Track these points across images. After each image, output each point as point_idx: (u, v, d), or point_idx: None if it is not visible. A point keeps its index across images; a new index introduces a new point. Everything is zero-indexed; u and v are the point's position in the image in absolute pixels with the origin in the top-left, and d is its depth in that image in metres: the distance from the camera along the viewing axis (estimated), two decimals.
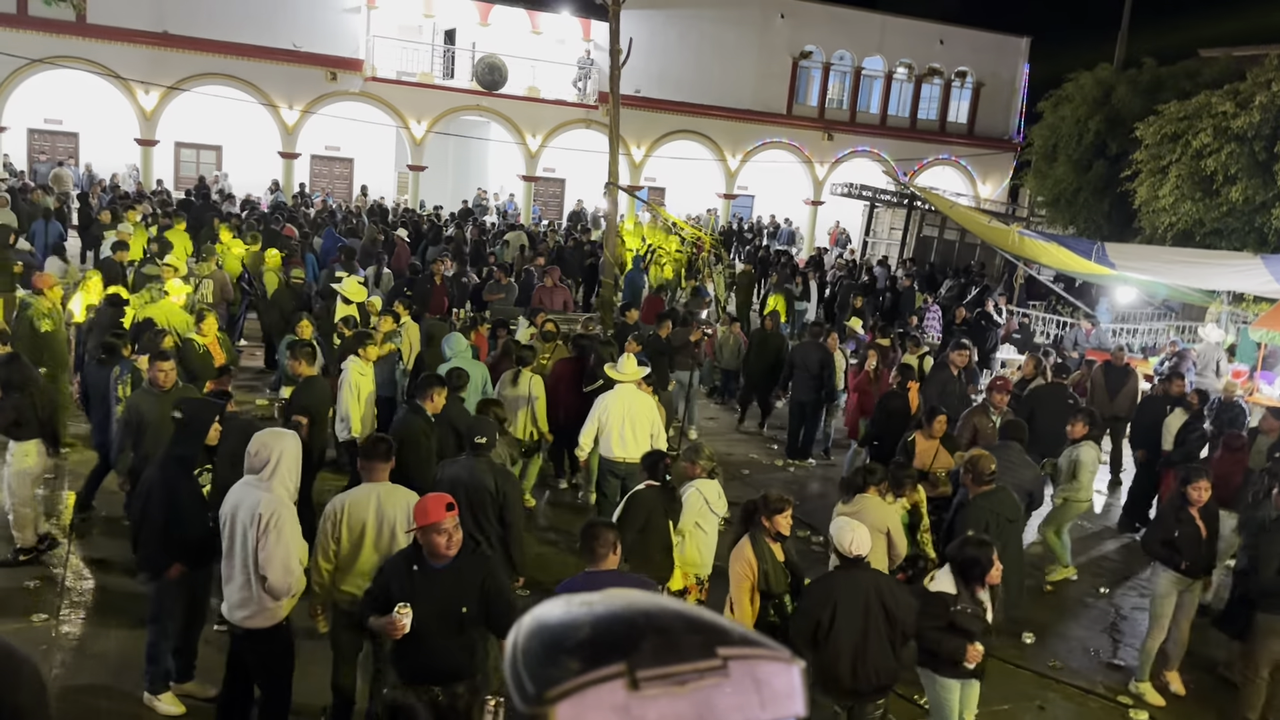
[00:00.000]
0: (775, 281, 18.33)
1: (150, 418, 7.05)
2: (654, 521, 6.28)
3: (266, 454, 4.95)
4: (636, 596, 0.90)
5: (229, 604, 5.11)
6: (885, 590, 5.13)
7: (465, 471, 6.23)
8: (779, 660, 0.85)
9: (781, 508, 5.64)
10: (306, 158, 29.21)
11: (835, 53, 33.68)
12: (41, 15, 23.07)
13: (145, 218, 17.29)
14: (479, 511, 6.11)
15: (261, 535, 4.82)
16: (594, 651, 0.82)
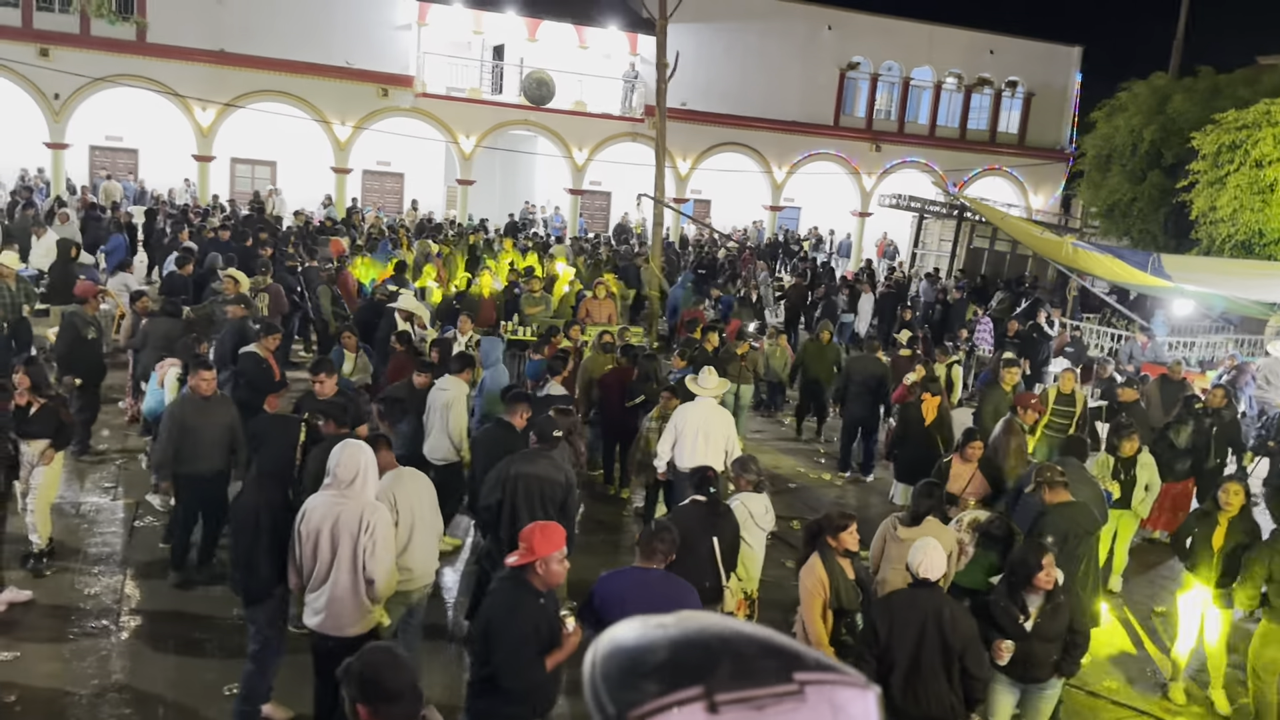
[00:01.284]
0: (822, 294, 18.25)
1: (191, 425, 7.21)
2: (691, 538, 6.16)
3: (354, 466, 5.14)
4: (710, 619, 0.91)
5: (322, 615, 5.20)
6: (946, 616, 4.98)
7: (536, 466, 6.41)
8: (855, 686, 0.86)
9: (846, 524, 5.63)
10: (358, 173, 29.67)
11: (883, 63, 33.50)
12: (104, 35, 23.73)
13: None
14: (549, 505, 6.33)
15: (370, 542, 5.06)
16: (672, 675, 0.83)
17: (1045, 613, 5.36)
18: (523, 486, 6.38)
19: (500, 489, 6.42)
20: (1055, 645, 5.44)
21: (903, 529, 6.42)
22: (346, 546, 5.08)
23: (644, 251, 21.41)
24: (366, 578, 5.11)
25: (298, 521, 5.24)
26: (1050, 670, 5.49)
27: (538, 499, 6.35)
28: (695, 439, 8.22)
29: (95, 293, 10.51)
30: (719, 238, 28.50)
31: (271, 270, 13.75)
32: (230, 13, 24.27)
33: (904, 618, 4.98)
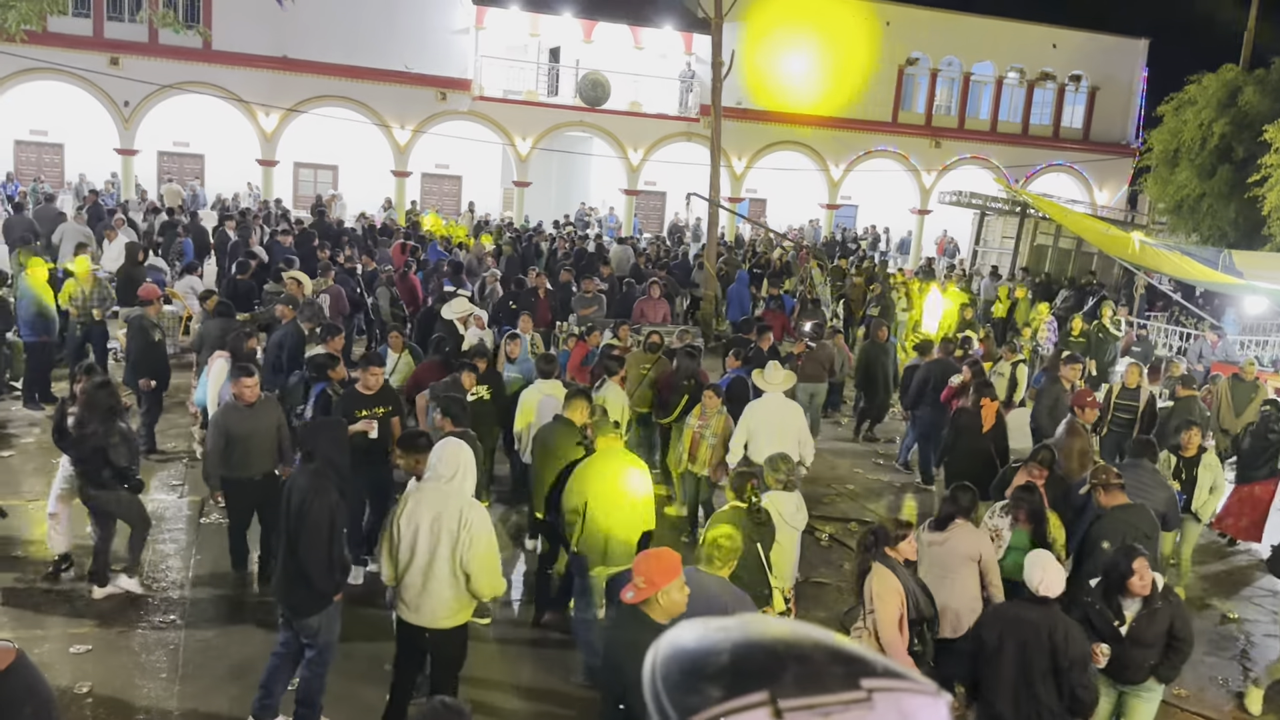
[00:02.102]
0: (879, 294, 18.01)
1: (237, 432, 7.26)
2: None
3: (455, 462, 5.29)
4: (773, 623, 0.90)
5: (418, 608, 5.32)
6: (1060, 635, 4.86)
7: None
8: (925, 694, 0.84)
9: (904, 534, 5.56)
10: (417, 176, 30.05)
11: (943, 59, 33.03)
12: (171, 43, 24.31)
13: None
14: None
15: (468, 537, 5.18)
16: (735, 680, 0.82)
17: (1141, 618, 5.27)
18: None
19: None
20: (1152, 650, 5.33)
21: (928, 533, 6.35)
22: (446, 541, 5.20)
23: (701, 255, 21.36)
24: (464, 571, 5.25)
25: (397, 514, 5.34)
26: (1146, 674, 5.40)
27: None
28: (770, 436, 8.22)
29: (158, 296, 10.74)
30: (774, 237, 28.31)
31: (334, 272, 13.97)
32: (292, 20, 24.71)
33: (1013, 630, 4.89)
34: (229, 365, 8.46)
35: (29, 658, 3.83)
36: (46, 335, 11.46)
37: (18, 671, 3.66)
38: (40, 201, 20.99)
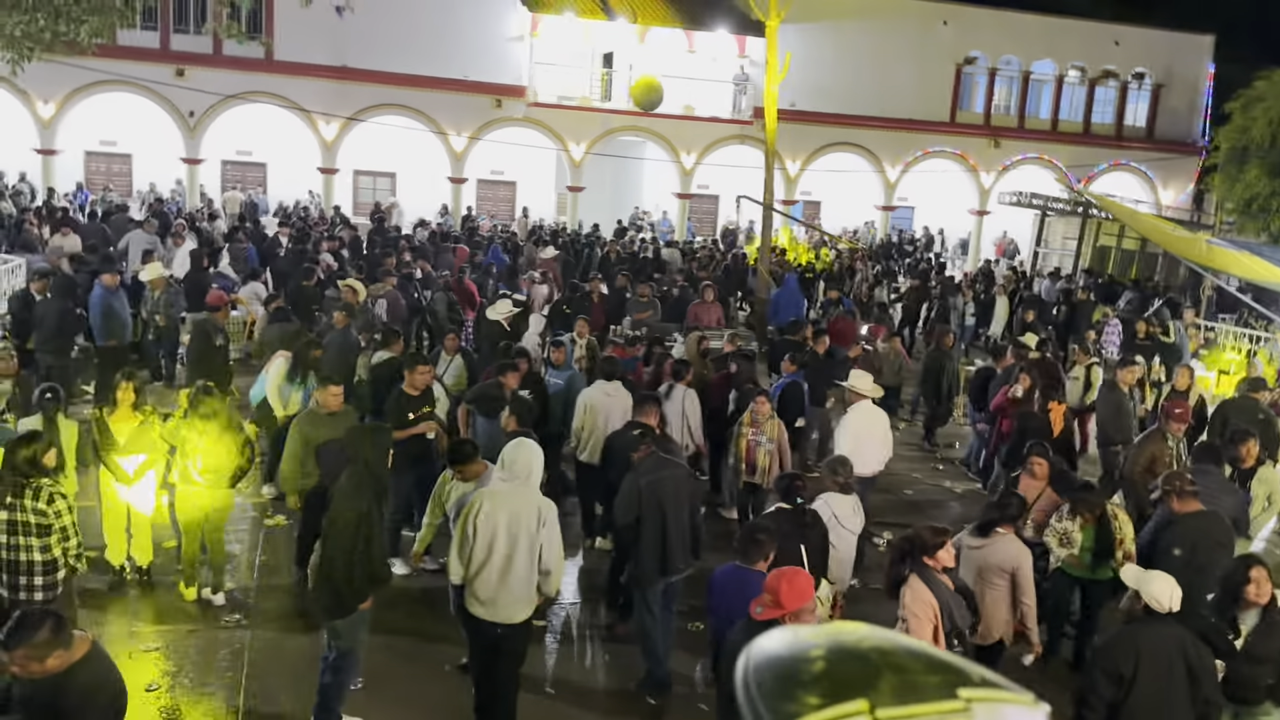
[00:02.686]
0: (938, 295, 17.80)
1: (316, 439, 7.26)
2: (783, 545, 6.11)
3: (529, 462, 5.49)
4: (865, 631, 0.88)
5: (494, 604, 5.44)
6: (1190, 648, 4.74)
7: (676, 472, 6.56)
8: (1023, 704, 0.82)
9: (942, 542, 5.43)
10: (473, 182, 30.35)
11: (1002, 57, 32.52)
12: (234, 54, 24.83)
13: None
14: (689, 503, 6.52)
15: (546, 535, 5.37)
16: (831, 687, 0.81)
17: (1258, 631, 5.01)
18: (662, 490, 6.42)
19: (637, 502, 6.42)
20: (1269, 668, 5.03)
21: (969, 537, 6.26)
22: (525, 539, 5.38)
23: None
24: (543, 569, 5.42)
25: (471, 514, 5.41)
26: (1264, 694, 5.09)
27: (673, 499, 6.41)
28: (871, 443, 8.39)
29: (226, 302, 10.99)
30: (828, 239, 28.09)
31: (395, 278, 14.17)
32: (352, 30, 25.11)
33: (1153, 652, 4.71)
34: (287, 364, 8.60)
35: (103, 648, 3.94)
36: (116, 339, 11.78)
37: (92, 660, 3.77)
38: (112, 210, 21.59)
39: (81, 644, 3.82)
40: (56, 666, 3.70)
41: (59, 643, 3.69)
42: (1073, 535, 6.90)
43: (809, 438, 11.36)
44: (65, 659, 3.72)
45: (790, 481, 6.41)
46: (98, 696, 3.76)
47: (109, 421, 7.27)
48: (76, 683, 3.74)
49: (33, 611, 3.83)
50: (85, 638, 3.87)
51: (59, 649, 3.68)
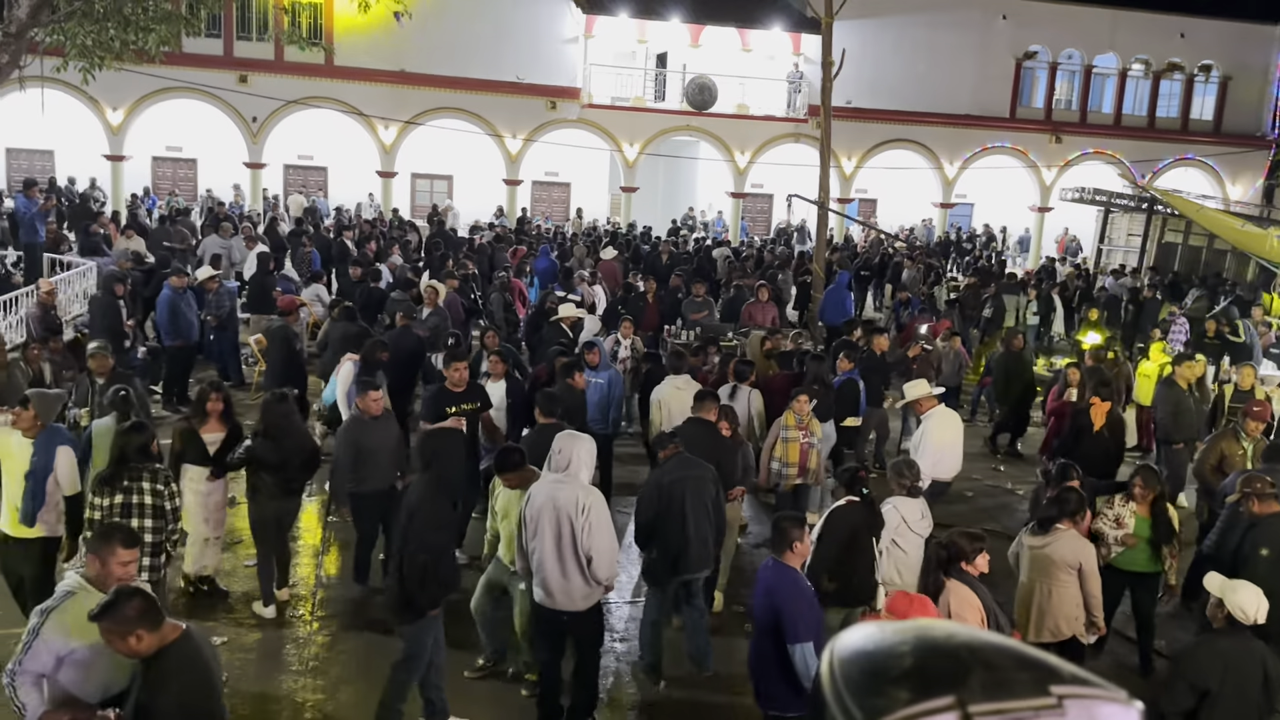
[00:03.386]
0: (994, 293, 17.47)
1: (366, 445, 7.30)
2: (858, 539, 6.13)
3: (569, 453, 5.58)
4: (951, 627, 0.88)
5: (554, 593, 5.61)
6: (1270, 660, 4.66)
7: (701, 474, 6.58)
8: (1117, 701, 0.81)
9: (980, 548, 5.39)
10: (528, 184, 30.57)
11: (1063, 51, 31.91)
12: (296, 60, 25.31)
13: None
14: (708, 505, 6.53)
15: (587, 523, 5.49)
16: (921, 683, 0.81)
17: None
18: (684, 491, 6.45)
19: (658, 500, 6.47)
20: None
21: (1029, 536, 6.21)
22: (567, 527, 5.51)
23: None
24: (585, 555, 5.49)
25: (523, 506, 5.62)
26: None
27: (694, 501, 6.44)
28: (954, 447, 8.42)
29: (297, 306, 11.21)
30: (885, 238, 27.79)
31: (458, 279, 14.33)
32: (410, 35, 25.43)
33: (1238, 665, 4.62)
34: (355, 368, 8.75)
35: (198, 641, 3.97)
36: (183, 340, 12.09)
37: (180, 647, 3.83)
38: (179, 214, 22.12)
39: (172, 630, 3.88)
40: (143, 648, 3.77)
41: (143, 623, 3.74)
42: (1125, 521, 6.88)
43: (865, 438, 11.26)
44: (152, 642, 3.78)
45: (854, 473, 6.37)
46: (173, 683, 3.81)
47: (200, 433, 7.32)
48: (160, 668, 3.81)
49: (126, 589, 3.91)
50: (177, 625, 3.92)
51: (142, 629, 3.74)
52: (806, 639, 4.97)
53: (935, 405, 8.49)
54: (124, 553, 4.36)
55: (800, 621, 4.98)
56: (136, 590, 3.92)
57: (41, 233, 15.88)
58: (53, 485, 6.24)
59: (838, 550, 6.02)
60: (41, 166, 28.13)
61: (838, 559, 6.01)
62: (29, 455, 6.18)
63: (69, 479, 6.31)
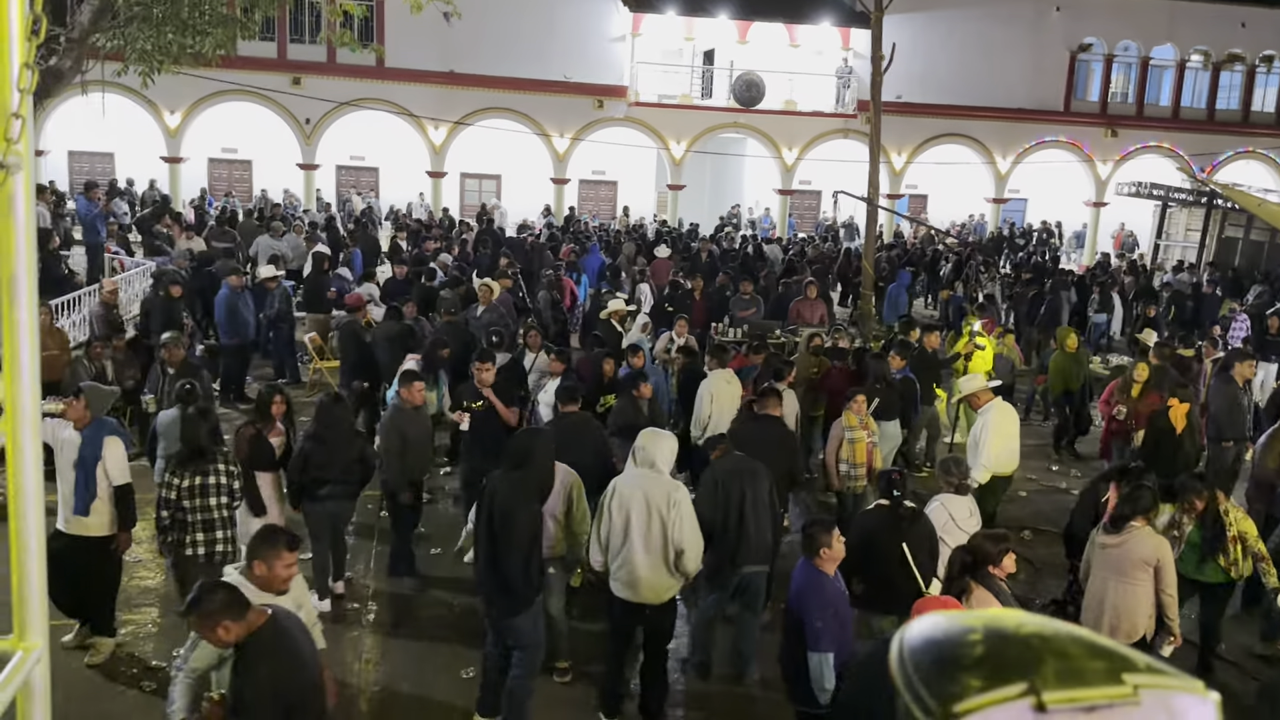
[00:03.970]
0: (1049, 290, 17.19)
1: (411, 435, 7.53)
2: (876, 543, 6.04)
3: (653, 450, 5.78)
4: (1022, 616, 0.88)
5: (636, 585, 5.75)
6: None
7: (755, 469, 6.63)
8: (1194, 693, 0.80)
9: (1005, 550, 5.32)
10: (575, 182, 30.70)
11: (1119, 43, 31.30)
12: (348, 62, 25.67)
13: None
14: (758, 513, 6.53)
15: (677, 517, 5.65)
16: (994, 670, 0.80)
17: None
18: (741, 485, 6.47)
19: (714, 495, 6.50)
20: None
21: (1102, 535, 6.11)
22: (658, 522, 5.66)
23: None
24: (676, 549, 5.63)
25: (607, 499, 5.75)
26: None
27: (751, 499, 6.46)
28: (1014, 441, 8.36)
29: (365, 303, 11.38)
30: (936, 234, 27.48)
31: (509, 278, 14.46)
32: (459, 36, 25.68)
33: None
34: (417, 366, 8.87)
35: (284, 623, 4.01)
36: (240, 338, 12.32)
37: (264, 632, 3.89)
38: (238, 215, 22.53)
39: (258, 617, 3.94)
40: (231, 638, 3.86)
41: (227, 614, 3.83)
42: (1185, 526, 6.78)
43: (917, 436, 11.14)
44: (240, 631, 3.86)
45: (889, 477, 6.33)
46: (262, 668, 3.87)
47: (269, 438, 7.41)
48: (248, 655, 3.90)
49: (209, 583, 4.03)
50: (263, 611, 3.98)
51: (227, 620, 3.83)
52: (826, 650, 4.98)
53: (992, 399, 8.38)
54: (287, 555, 4.53)
55: (823, 633, 4.99)
56: (220, 584, 4.04)
57: (103, 233, 16.27)
58: (102, 475, 6.39)
59: (856, 554, 5.99)
60: (102, 169, 28.83)
61: (860, 564, 5.98)
62: (77, 446, 6.35)
63: (118, 468, 6.46)
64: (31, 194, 1.51)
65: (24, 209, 1.50)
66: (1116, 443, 10.23)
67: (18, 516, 1.56)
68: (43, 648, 1.62)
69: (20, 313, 1.50)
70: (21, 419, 1.52)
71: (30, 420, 1.53)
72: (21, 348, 1.50)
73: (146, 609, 7.33)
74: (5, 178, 1.39)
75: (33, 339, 1.53)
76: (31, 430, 1.54)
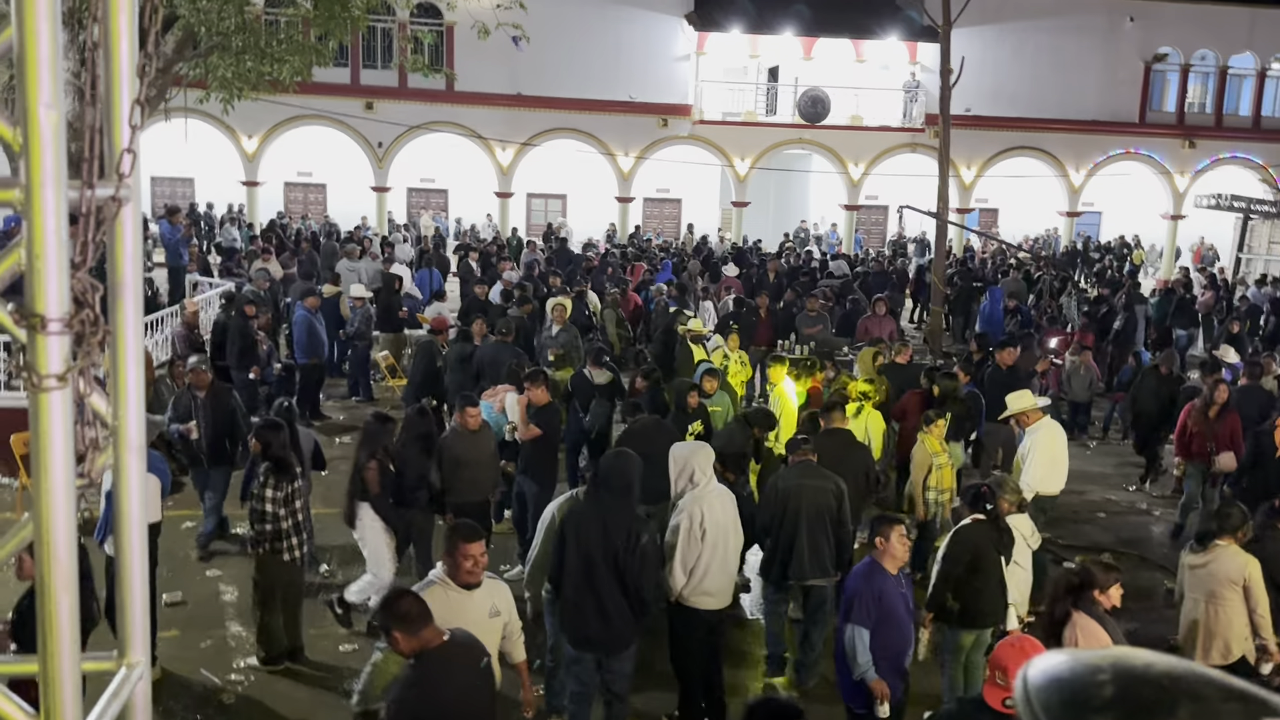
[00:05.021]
0: (1125, 304, 16.72)
1: (464, 458, 7.56)
2: (983, 558, 5.98)
3: (708, 461, 6.08)
4: (1150, 656, 0.85)
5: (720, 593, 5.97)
6: None
7: (822, 484, 6.62)
8: None
9: (1114, 579, 5.17)
10: (639, 201, 30.84)
11: (1196, 53, 30.50)
12: (419, 87, 26.15)
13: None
14: (825, 516, 6.58)
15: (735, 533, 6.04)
16: (1126, 712, 0.78)
17: None
18: (800, 498, 6.49)
19: (774, 503, 6.58)
20: None
21: (1189, 555, 5.96)
22: (733, 531, 6.00)
23: None
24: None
25: (695, 522, 5.78)
26: None
27: (812, 510, 6.48)
28: (1063, 461, 8.22)
29: (447, 325, 11.53)
30: (1007, 248, 26.99)
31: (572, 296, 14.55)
32: (526, 59, 26.04)
33: None
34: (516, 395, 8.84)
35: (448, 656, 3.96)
36: (316, 357, 12.59)
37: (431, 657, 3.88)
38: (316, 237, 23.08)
39: (435, 637, 3.92)
40: (403, 649, 3.89)
41: (402, 625, 3.85)
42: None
43: (992, 455, 10.90)
44: (412, 645, 3.87)
45: (978, 491, 6.22)
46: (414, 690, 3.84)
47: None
48: (413, 671, 3.90)
49: (400, 589, 4.17)
50: (440, 633, 3.95)
51: (400, 630, 3.85)
52: (860, 623, 5.15)
53: (1041, 417, 8.20)
54: (466, 546, 4.60)
55: (858, 604, 5.18)
56: (407, 592, 4.12)
57: (185, 256, 16.78)
58: None
59: (962, 570, 5.92)
60: (183, 193, 29.79)
61: (962, 579, 5.93)
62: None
63: (150, 506, 6.55)
64: (139, 224, 1.56)
65: (132, 238, 1.55)
66: (1195, 466, 9.77)
67: (123, 538, 1.61)
68: (145, 664, 1.66)
69: (128, 337, 1.54)
70: (128, 443, 1.57)
71: (136, 445, 1.58)
72: (129, 373, 1.55)
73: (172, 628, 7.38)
74: (117, 209, 1.44)
75: (139, 365, 1.58)
76: (137, 455, 1.58)
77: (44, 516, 1.36)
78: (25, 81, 1.29)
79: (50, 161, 1.31)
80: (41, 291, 1.31)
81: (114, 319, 1.52)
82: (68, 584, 1.40)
